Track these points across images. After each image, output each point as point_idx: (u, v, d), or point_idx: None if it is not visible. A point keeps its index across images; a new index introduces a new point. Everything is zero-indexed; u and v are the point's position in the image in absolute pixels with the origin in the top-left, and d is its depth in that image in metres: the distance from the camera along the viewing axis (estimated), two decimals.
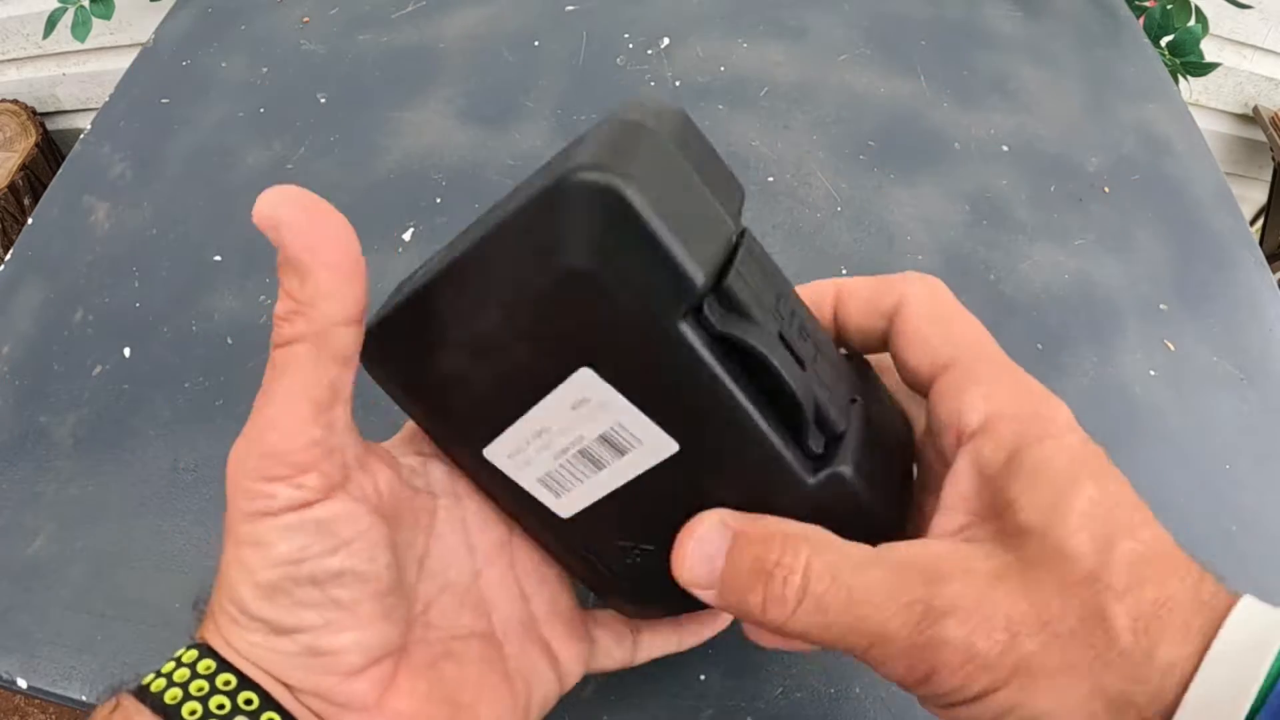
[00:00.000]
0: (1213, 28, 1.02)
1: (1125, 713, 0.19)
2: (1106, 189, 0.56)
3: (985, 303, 0.50)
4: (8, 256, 0.52)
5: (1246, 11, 1.09)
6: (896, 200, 0.55)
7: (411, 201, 0.53)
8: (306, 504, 0.22)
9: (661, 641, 0.31)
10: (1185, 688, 0.18)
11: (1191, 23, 0.98)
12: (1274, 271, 0.54)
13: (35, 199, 1.35)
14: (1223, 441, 0.46)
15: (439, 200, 0.53)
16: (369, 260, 0.21)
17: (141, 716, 0.22)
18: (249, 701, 0.22)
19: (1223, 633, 0.18)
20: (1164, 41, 0.98)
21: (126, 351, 0.47)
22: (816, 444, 0.22)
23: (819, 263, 0.51)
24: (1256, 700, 0.18)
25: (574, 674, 0.28)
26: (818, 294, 0.26)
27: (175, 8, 0.69)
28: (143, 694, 0.22)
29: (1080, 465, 0.20)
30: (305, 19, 0.66)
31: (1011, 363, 0.23)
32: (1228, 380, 0.48)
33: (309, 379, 0.21)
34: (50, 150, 1.42)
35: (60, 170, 0.57)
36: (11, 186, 1.33)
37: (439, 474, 0.27)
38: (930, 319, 0.24)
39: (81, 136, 0.59)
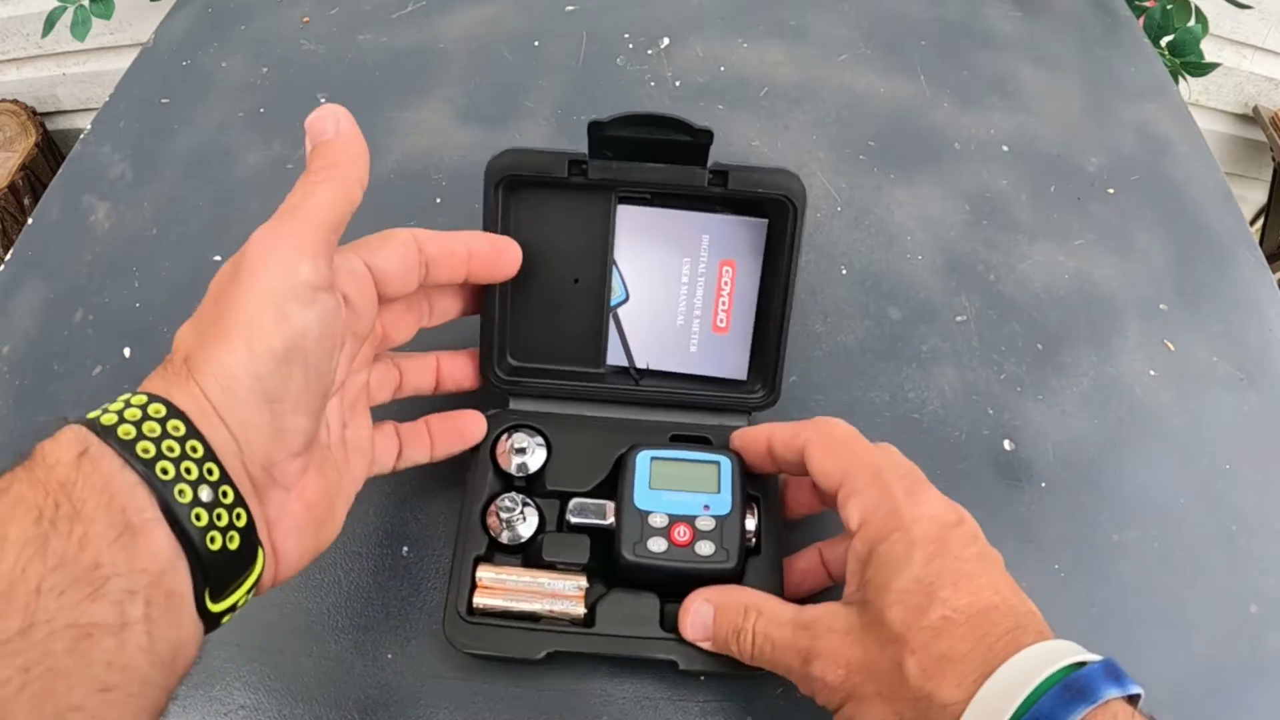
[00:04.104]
0: (1213, 28, 1.02)
1: None
2: (1111, 190, 0.56)
3: (985, 302, 0.50)
4: (8, 256, 0.52)
5: (1246, 11, 1.09)
6: (896, 200, 0.55)
7: (411, 201, 0.53)
8: (318, 288, 0.27)
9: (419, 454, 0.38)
10: None
11: (1191, 23, 0.98)
12: (1274, 271, 0.54)
13: (35, 199, 1.35)
14: (1223, 441, 0.46)
15: (439, 200, 0.53)
16: None
17: (108, 460, 0.23)
18: (194, 449, 0.25)
19: (989, 681, 0.26)
20: (1164, 41, 0.98)
21: (126, 351, 0.47)
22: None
23: (819, 263, 0.51)
24: None
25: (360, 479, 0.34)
26: (753, 438, 0.37)
27: (175, 8, 0.69)
28: (98, 430, 0.24)
29: (914, 551, 0.29)
30: (305, 19, 0.66)
31: (882, 474, 0.32)
32: (1228, 380, 0.48)
33: (334, 202, 0.29)
34: (50, 150, 1.42)
35: (60, 170, 0.57)
36: (11, 186, 1.33)
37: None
38: (824, 453, 0.33)
39: (81, 136, 0.59)
